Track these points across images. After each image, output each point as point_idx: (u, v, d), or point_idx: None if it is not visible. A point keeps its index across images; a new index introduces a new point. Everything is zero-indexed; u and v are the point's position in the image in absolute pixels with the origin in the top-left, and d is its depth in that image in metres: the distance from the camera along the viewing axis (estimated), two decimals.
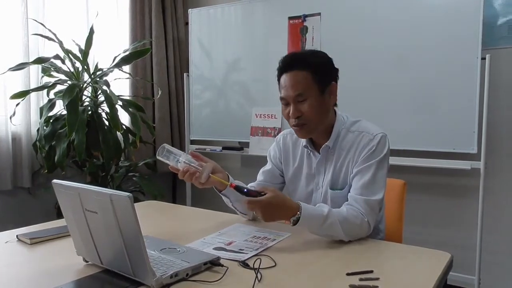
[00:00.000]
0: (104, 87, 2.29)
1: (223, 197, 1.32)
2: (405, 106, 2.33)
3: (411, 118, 2.31)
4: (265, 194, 1.10)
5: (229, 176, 1.28)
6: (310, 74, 1.23)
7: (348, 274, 0.92)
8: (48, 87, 2.35)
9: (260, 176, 1.45)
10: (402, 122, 2.33)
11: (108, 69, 2.49)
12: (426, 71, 2.26)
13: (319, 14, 2.57)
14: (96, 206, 0.86)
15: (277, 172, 1.44)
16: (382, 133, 1.26)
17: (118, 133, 2.40)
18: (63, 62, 2.38)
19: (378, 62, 2.39)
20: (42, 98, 2.53)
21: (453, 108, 2.20)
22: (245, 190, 1.12)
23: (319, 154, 1.32)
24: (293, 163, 1.40)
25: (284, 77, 1.26)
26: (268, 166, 1.46)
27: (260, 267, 0.95)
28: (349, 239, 1.15)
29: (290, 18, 2.68)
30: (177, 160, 1.19)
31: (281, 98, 1.27)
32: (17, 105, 2.27)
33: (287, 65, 1.26)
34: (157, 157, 1.20)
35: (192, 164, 1.19)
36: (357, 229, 1.16)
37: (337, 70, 1.30)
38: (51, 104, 2.32)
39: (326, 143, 1.30)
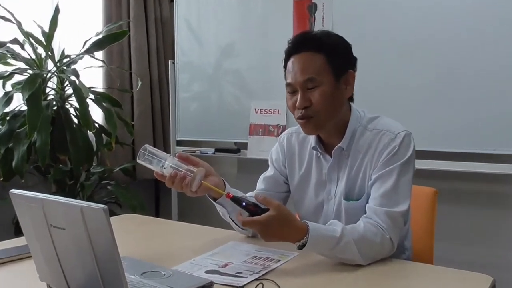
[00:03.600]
0: (72, 78, 2.29)
1: (218, 207, 1.32)
2: (435, 98, 2.32)
3: (442, 113, 2.30)
4: (267, 209, 1.10)
5: (225, 182, 1.28)
6: (325, 56, 1.24)
7: None
8: (4, 77, 2.35)
9: (260, 184, 1.45)
10: (430, 118, 2.32)
11: (77, 55, 2.49)
12: (460, 56, 2.26)
13: None
14: (64, 221, 0.86)
15: (281, 179, 1.45)
16: (405, 131, 1.26)
17: (90, 133, 2.40)
18: (22, 47, 2.38)
19: (403, 47, 2.38)
20: None
21: (493, 101, 2.19)
22: (244, 203, 1.12)
23: (331, 157, 1.32)
24: (299, 168, 1.41)
25: (292, 60, 1.26)
26: (269, 171, 1.47)
27: None
28: (368, 262, 1.15)
29: None
30: (162, 164, 1.19)
31: (287, 85, 1.28)
32: None
33: (297, 45, 1.26)
34: (138, 161, 1.20)
35: (180, 169, 1.19)
36: (377, 249, 1.16)
37: (355, 59, 1.31)
38: (7, 98, 2.32)
39: (339, 144, 1.30)
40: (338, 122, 1.30)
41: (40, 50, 2.45)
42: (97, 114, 2.66)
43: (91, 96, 2.38)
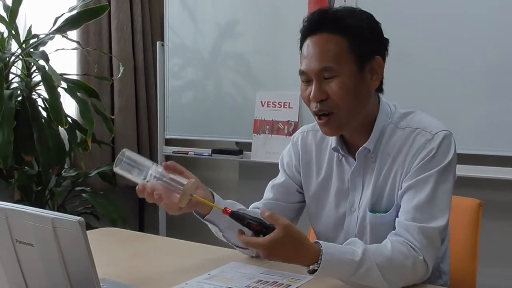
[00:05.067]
0: (41, 62, 2.30)
1: (209, 225, 1.32)
2: (479, 90, 2.32)
3: (487, 109, 2.29)
4: (273, 227, 1.10)
5: (214, 194, 1.27)
6: (346, 40, 1.24)
7: None
8: None
9: (268, 193, 1.46)
10: (473, 115, 2.32)
11: (47, 35, 2.49)
12: None
13: None
14: (32, 235, 0.87)
15: (293, 188, 1.45)
16: (445, 130, 1.27)
17: (61, 129, 2.41)
18: None
19: (443, 28, 2.36)
20: None
21: None
22: (245, 221, 1.11)
23: (355, 160, 1.33)
24: (317, 175, 1.41)
25: (308, 43, 1.27)
26: (280, 178, 1.47)
27: None
28: None
29: None
30: (145, 175, 1.19)
31: (301, 73, 1.28)
32: None
33: (314, 24, 1.27)
34: (114, 169, 1.19)
35: (166, 180, 1.18)
36: (408, 274, 1.17)
37: (386, 41, 1.31)
38: None
39: (364, 145, 1.30)
40: (364, 118, 1.30)
41: (2, 28, 2.46)
42: (70, 106, 2.68)
43: (63, 84, 2.39)
